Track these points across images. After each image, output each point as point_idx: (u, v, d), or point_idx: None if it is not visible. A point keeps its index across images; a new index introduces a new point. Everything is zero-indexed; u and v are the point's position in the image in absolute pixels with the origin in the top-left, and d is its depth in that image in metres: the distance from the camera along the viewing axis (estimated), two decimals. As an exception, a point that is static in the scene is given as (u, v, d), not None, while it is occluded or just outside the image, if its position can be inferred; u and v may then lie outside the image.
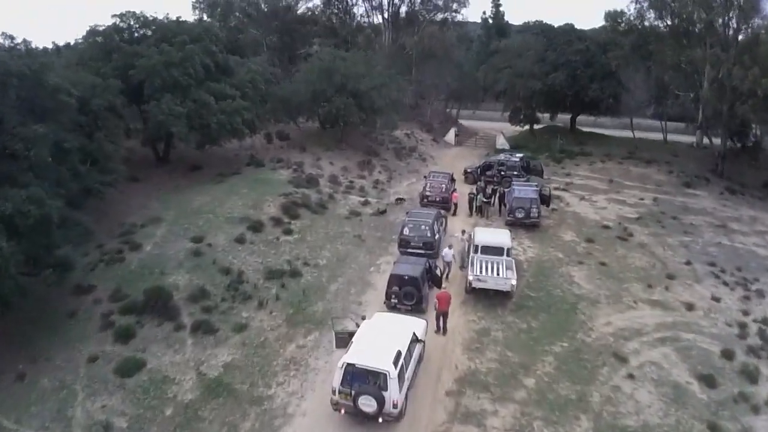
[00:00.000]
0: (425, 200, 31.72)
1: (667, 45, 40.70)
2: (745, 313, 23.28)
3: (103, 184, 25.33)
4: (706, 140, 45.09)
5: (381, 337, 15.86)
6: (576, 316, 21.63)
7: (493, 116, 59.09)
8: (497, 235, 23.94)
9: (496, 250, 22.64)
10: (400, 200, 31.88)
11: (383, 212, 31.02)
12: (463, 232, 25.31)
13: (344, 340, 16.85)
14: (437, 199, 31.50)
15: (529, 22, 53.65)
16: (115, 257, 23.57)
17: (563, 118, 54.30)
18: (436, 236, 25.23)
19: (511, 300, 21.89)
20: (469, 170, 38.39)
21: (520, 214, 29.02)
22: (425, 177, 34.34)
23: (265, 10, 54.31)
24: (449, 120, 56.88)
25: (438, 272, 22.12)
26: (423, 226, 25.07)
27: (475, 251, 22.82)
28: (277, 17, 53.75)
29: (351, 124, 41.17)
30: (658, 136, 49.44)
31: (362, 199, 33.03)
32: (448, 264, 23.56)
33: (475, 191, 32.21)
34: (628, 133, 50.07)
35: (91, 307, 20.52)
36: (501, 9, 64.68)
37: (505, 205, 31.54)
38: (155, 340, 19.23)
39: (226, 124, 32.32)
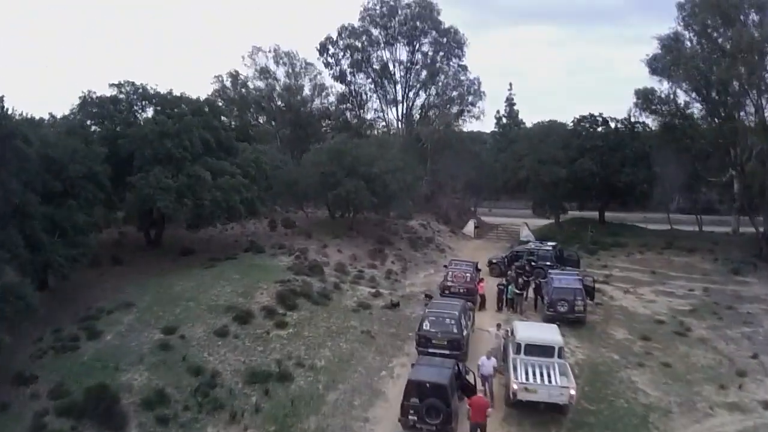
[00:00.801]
0: (447, 291, 26.99)
1: (702, 121, 37.70)
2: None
3: (67, 258, 21.39)
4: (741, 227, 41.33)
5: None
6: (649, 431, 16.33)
7: (511, 213, 55.06)
8: (545, 331, 19.05)
9: (545, 350, 17.67)
10: (428, 296, 26.94)
11: (396, 305, 26.26)
12: (499, 326, 20.36)
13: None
14: (461, 290, 26.74)
15: (543, 122, 50.63)
16: (67, 345, 19.39)
17: (588, 211, 50.52)
18: (464, 332, 20.33)
19: (566, 415, 16.63)
20: (494, 261, 33.86)
21: (562, 308, 24.10)
22: (446, 266, 29.88)
23: (281, 104, 52.70)
24: (467, 212, 53.12)
25: (471, 379, 16.95)
26: (448, 320, 20.25)
27: (517, 351, 17.84)
28: (291, 110, 52.03)
29: (362, 210, 37.42)
30: (688, 227, 45.11)
31: (373, 290, 28.38)
32: (487, 379, 17.84)
33: (505, 282, 27.49)
34: (658, 226, 45.97)
35: (27, 402, 16.39)
36: (515, 107, 63.18)
37: (542, 298, 26.73)
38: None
39: (222, 202, 28.60)
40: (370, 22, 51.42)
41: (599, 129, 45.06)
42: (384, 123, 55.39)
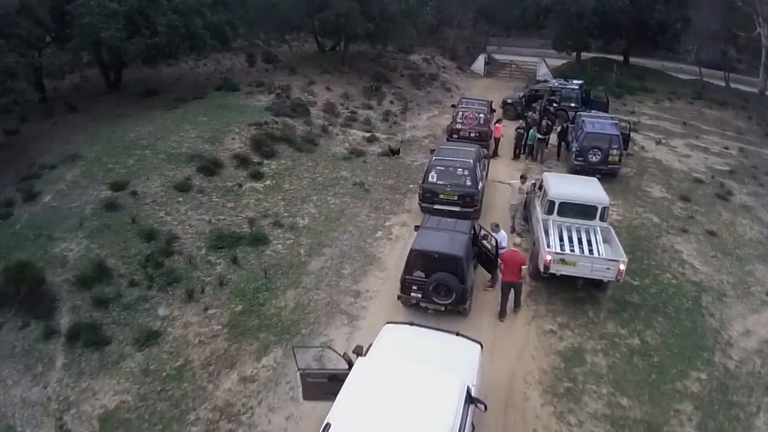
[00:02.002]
0: (456, 135, 22.79)
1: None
2: None
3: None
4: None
5: (394, 405, 7.23)
6: (704, 320, 13.19)
7: (522, 51, 48.47)
8: (585, 187, 15.11)
9: (586, 211, 13.96)
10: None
11: (396, 152, 22.21)
12: (524, 178, 16.32)
13: (317, 387, 8.49)
14: (472, 134, 22.54)
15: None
16: (0, 212, 15.50)
17: (609, 54, 44.56)
18: (479, 185, 16.50)
19: (606, 293, 13.37)
20: (509, 101, 29.14)
21: (594, 158, 20.11)
22: (454, 106, 25.33)
23: None
24: (476, 47, 46.93)
25: (490, 245, 13.36)
26: (459, 170, 16.30)
27: (549, 211, 14.13)
28: None
29: (355, 39, 31.87)
30: (713, 81, 39.76)
31: (367, 134, 24.17)
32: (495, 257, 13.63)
33: (525, 125, 23.14)
34: (683, 76, 40.63)
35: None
36: None
37: (567, 145, 22.68)
38: (10, 355, 11.19)
39: (181, 27, 23.32)
40: None
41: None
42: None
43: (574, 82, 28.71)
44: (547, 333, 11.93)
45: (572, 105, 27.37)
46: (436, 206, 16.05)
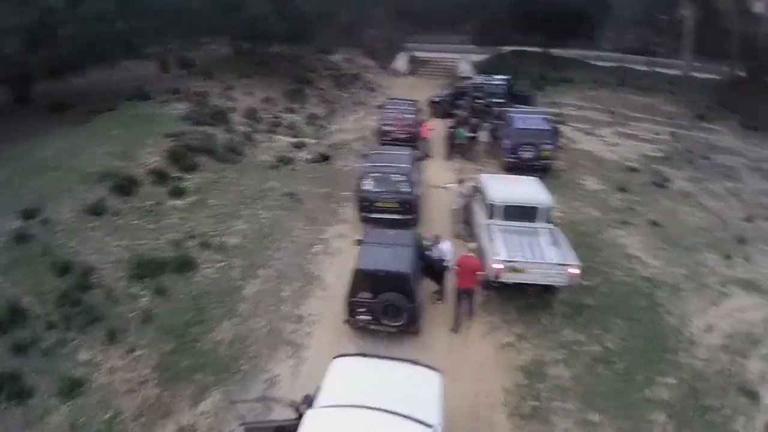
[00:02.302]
0: (385, 138, 22.07)
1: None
2: None
3: None
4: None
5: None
6: (663, 318, 13.08)
7: (442, 48, 48.29)
8: (525, 187, 14.76)
9: (530, 213, 13.58)
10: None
11: (327, 158, 21.21)
12: (462, 182, 15.80)
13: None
14: (402, 136, 21.91)
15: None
16: None
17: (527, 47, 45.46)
18: (418, 190, 15.85)
19: (558, 296, 13.03)
20: (436, 99, 28.78)
21: (527, 154, 19.97)
22: (380, 107, 24.63)
23: None
24: (396, 46, 46.51)
25: (433, 254, 12.63)
26: (395, 175, 15.58)
27: (491, 216, 13.62)
28: None
29: (273, 41, 30.53)
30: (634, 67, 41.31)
31: (294, 140, 23.05)
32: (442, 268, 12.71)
33: (454, 124, 22.73)
34: (603, 63, 41.88)
35: None
36: None
37: (498, 142, 22.49)
38: None
39: (85, 37, 21.34)
40: None
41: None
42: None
43: (499, 77, 28.69)
44: (505, 346, 11.39)
45: (498, 101, 27.32)
46: (374, 215, 15.29)
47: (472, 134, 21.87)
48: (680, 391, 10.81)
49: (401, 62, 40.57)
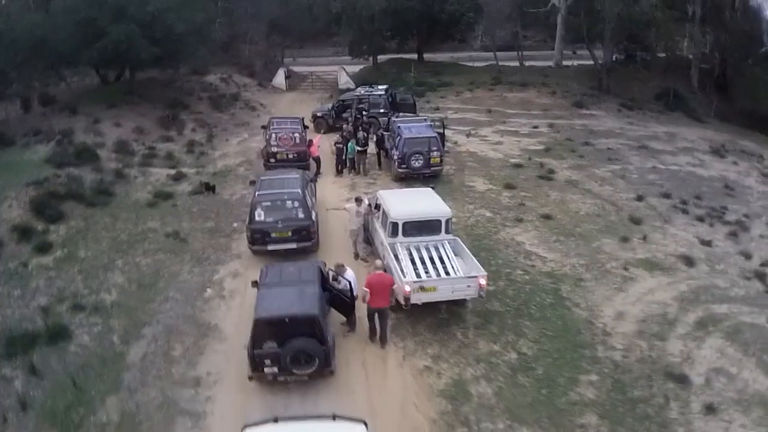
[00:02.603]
0: (273, 160, 20.98)
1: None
2: (747, 256, 17.17)
3: None
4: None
5: None
6: (572, 312, 13.13)
7: (318, 61, 47.89)
8: (422, 200, 14.25)
9: (430, 227, 13.14)
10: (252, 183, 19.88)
11: (211, 188, 19.73)
12: (359, 201, 15.05)
13: None
14: (290, 156, 20.93)
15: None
16: None
17: (404, 54, 46.09)
18: (313, 214, 14.96)
19: (467, 307, 12.68)
20: (319, 114, 28.05)
21: (417, 163, 19.72)
22: (265, 127, 23.47)
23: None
24: (273, 61, 45.26)
25: (339, 284, 11.78)
26: (288, 201, 14.60)
27: (393, 234, 13.04)
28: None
29: (141, 66, 28.34)
30: (507, 64, 42.88)
31: (173, 171, 21.37)
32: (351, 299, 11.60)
33: (341, 137, 22.03)
34: (477, 63, 43.34)
35: None
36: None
37: (386, 153, 22.14)
38: None
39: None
40: None
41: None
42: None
43: (379, 87, 28.51)
44: (423, 371, 10.78)
45: (381, 111, 27.11)
46: (270, 247, 14.27)
47: (362, 148, 21.32)
48: (605, 387, 10.71)
49: (280, 78, 39.41)
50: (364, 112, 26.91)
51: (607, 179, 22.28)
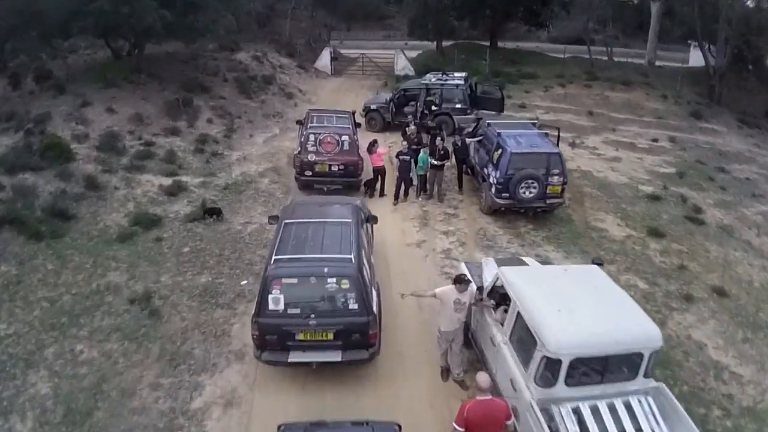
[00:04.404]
0: (309, 173, 14.49)
1: None
2: None
3: None
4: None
5: None
6: None
7: (368, 45, 40.74)
8: (599, 303, 6.92)
9: (619, 367, 6.41)
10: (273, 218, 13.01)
11: (215, 213, 13.36)
12: (462, 281, 7.94)
13: None
14: (335, 168, 14.44)
15: None
16: None
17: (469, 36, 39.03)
18: (373, 301, 8.25)
19: None
20: (373, 107, 21.36)
21: (528, 192, 12.94)
22: (300, 122, 17.06)
23: None
24: (318, 41, 38.73)
25: None
26: (331, 279, 7.73)
27: (548, 379, 6.25)
28: None
29: (150, 35, 22.16)
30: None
31: (169, 181, 15.11)
32: None
33: (406, 147, 15.24)
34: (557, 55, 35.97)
35: None
36: None
37: (470, 170, 15.48)
38: None
39: None
40: None
41: None
42: None
43: (455, 75, 21.62)
44: None
45: (458, 106, 20.36)
46: (293, 357, 7.77)
47: (439, 162, 14.56)
48: None
49: (325, 60, 32.90)
50: (433, 107, 20.26)
51: (763, 227, 15.55)
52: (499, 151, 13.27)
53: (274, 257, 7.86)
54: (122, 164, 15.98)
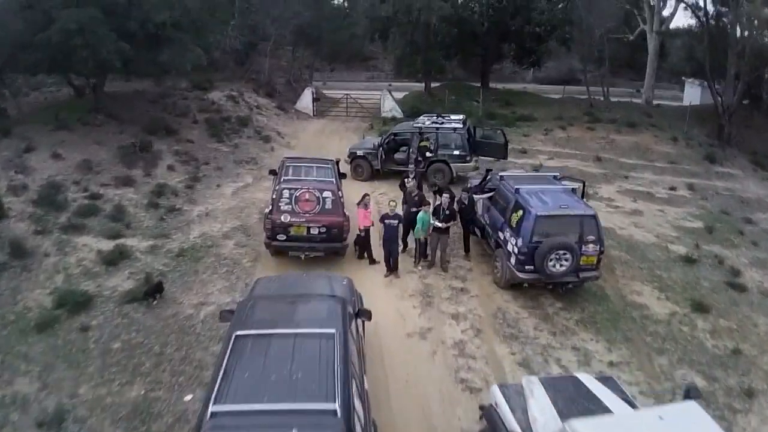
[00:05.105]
0: (282, 236, 11.73)
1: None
2: None
3: None
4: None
5: None
6: None
7: (352, 86, 38.50)
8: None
9: None
10: (227, 313, 10.16)
11: (157, 291, 10.49)
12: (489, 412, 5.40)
13: None
14: (315, 231, 11.71)
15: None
16: None
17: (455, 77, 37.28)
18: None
19: None
20: (360, 153, 18.82)
21: (559, 265, 10.29)
22: (274, 172, 14.48)
23: None
24: (299, 80, 36.47)
25: None
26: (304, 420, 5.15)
27: None
28: None
29: (107, 70, 19.59)
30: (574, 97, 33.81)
31: (111, 245, 12.27)
32: None
33: (393, 206, 12.45)
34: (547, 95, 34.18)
35: None
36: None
37: (475, 232, 12.86)
38: None
39: None
40: None
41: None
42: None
43: (452, 117, 19.24)
44: None
45: (456, 153, 17.93)
46: None
47: (444, 224, 11.89)
48: None
49: (306, 100, 30.55)
50: (428, 153, 17.82)
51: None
52: (520, 212, 10.68)
53: (211, 406, 5.03)
54: (59, 223, 13.18)
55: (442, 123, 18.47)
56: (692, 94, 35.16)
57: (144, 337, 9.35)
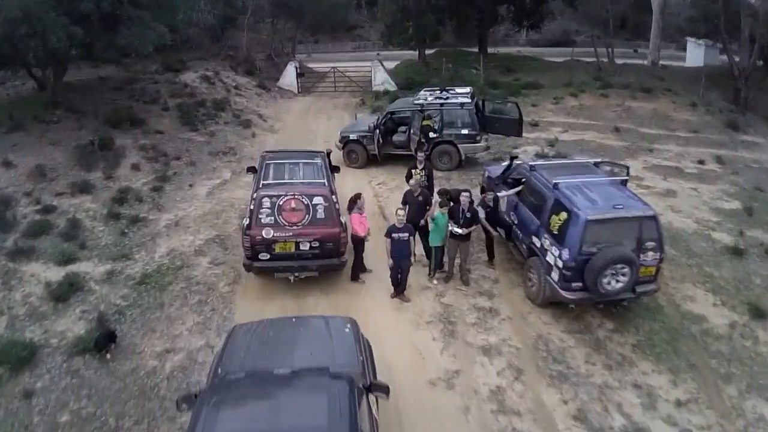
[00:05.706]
0: (265, 255, 9.55)
1: None
2: None
3: None
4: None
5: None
6: None
7: (339, 57, 35.61)
8: None
9: None
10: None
11: (108, 343, 8.34)
12: None
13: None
14: (305, 246, 9.54)
15: None
16: None
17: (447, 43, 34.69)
18: None
19: None
20: (353, 136, 16.52)
21: (616, 282, 8.20)
22: (253, 170, 12.26)
23: None
24: (281, 54, 33.74)
25: None
26: None
27: None
28: None
29: (57, 59, 17.02)
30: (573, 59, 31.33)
31: (62, 273, 10.06)
32: None
33: (401, 216, 9.91)
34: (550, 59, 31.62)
35: None
36: None
37: (506, 233, 10.69)
38: None
39: None
40: None
41: None
42: None
43: (458, 91, 16.89)
44: None
45: (464, 132, 15.70)
46: None
47: (464, 230, 9.74)
48: None
49: (290, 77, 27.98)
50: (432, 134, 15.59)
51: None
52: (563, 215, 8.54)
53: None
54: (6, 248, 10.98)
55: (447, 98, 16.14)
56: (696, 54, 32.96)
57: (96, 405, 7.31)
